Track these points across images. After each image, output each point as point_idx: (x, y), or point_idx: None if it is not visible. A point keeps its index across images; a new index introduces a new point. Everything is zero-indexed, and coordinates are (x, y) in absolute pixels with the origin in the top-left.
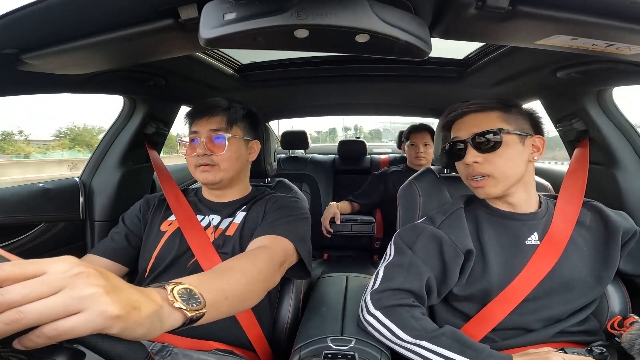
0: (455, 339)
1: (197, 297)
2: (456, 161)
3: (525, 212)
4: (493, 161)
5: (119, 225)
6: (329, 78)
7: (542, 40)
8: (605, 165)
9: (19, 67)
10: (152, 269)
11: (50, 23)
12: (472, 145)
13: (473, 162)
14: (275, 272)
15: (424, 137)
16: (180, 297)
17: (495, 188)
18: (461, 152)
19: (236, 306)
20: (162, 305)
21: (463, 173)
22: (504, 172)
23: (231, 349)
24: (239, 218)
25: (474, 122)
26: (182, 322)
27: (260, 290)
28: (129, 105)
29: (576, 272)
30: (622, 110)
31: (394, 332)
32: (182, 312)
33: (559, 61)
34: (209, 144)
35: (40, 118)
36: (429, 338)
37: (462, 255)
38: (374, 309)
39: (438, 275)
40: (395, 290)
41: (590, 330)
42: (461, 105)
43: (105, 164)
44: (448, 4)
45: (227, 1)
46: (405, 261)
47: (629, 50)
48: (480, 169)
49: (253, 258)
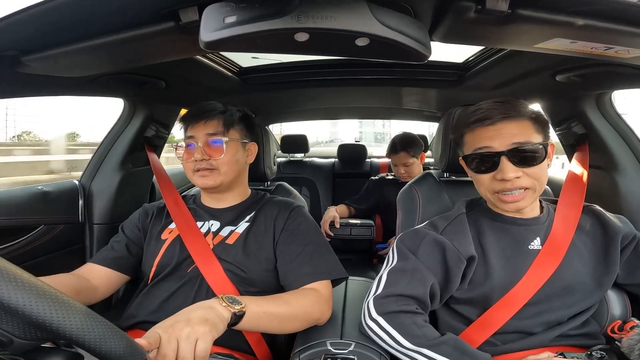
0: (456, 347)
1: (239, 301)
2: (483, 174)
3: (528, 217)
4: (534, 174)
5: (119, 234)
6: (329, 81)
7: (542, 43)
8: (605, 169)
9: (20, 69)
10: (154, 276)
11: (51, 25)
12: (511, 158)
13: (515, 177)
14: (324, 311)
15: (401, 159)
16: (226, 299)
17: (529, 200)
18: (494, 164)
19: (274, 324)
20: (214, 307)
21: (492, 187)
22: (541, 184)
23: (231, 353)
24: (241, 228)
25: (510, 131)
26: (230, 316)
27: (300, 321)
28: (129, 107)
29: (577, 276)
30: (621, 114)
31: (395, 338)
32: (227, 308)
33: (558, 64)
34: (206, 149)
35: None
36: (429, 346)
37: (465, 261)
38: (376, 315)
39: (441, 281)
40: (398, 297)
41: (590, 334)
42: (485, 112)
43: (105, 167)
44: (448, 8)
45: (228, 4)
46: (409, 267)
47: (627, 54)
48: (520, 183)
49: (298, 294)
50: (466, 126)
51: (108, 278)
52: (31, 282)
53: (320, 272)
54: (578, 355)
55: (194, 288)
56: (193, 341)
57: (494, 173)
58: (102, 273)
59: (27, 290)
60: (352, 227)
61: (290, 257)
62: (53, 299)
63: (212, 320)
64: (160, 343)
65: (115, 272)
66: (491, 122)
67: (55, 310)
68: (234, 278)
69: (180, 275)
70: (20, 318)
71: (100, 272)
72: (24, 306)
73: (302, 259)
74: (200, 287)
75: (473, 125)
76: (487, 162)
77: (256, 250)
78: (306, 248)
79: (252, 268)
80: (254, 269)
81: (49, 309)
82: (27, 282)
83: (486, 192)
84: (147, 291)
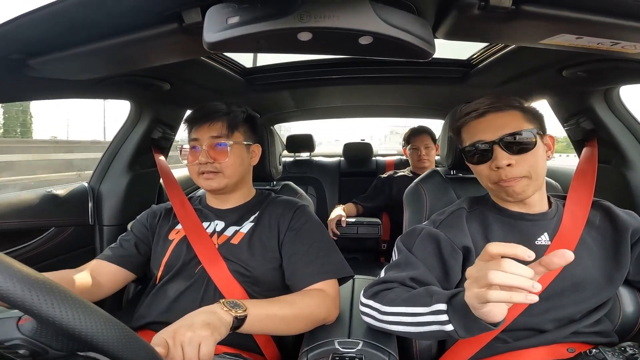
0: (428, 292)
1: (240, 305)
2: (479, 164)
3: (536, 213)
4: (528, 161)
5: (128, 233)
6: (333, 81)
7: (547, 39)
8: (615, 165)
9: (26, 72)
10: (162, 276)
11: (57, 28)
12: (502, 146)
13: (507, 164)
14: (331, 311)
15: (424, 140)
16: (227, 304)
17: (529, 189)
18: (487, 154)
19: (279, 326)
20: (216, 311)
21: (489, 177)
22: (537, 172)
23: (239, 352)
24: (245, 228)
25: (498, 122)
26: (232, 320)
27: (306, 321)
28: (136, 110)
29: (587, 272)
30: (630, 109)
31: (377, 309)
32: (228, 312)
33: (564, 60)
34: (211, 152)
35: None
36: (404, 299)
37: (460, 252)
38: (365, 299)
39: (439, 275)
40: (386, 283)
41: (603, 332)
42: (474, 105)
43: (113, 169)
44: (451, 5)
45: (231, 5)
46: (401, 260)
47: (634, 49)
48: (515, 172)
49: (304, 295)
50: (459, 121)
51: (114, 275)
52: (71, 295)
53: (326, 271)
54: (612, 350)
55: (202, 288)
56: (196, 345)
57: (490, 163)
58: (109, 270)
59: (75, 306)
60: (358, 225)
61: (296, 257)
62: (95, 313)
63: (213, 324)
64: (168, 349)
65: (122, 269)
66: (481, 114)
67: (97, 326)
68: (240, 277)
69: (189, 275)
70: (65, 334)
71: (108, 269)
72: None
73: (308, 259)
74: (208, 286)
75: (464, 119)
76: (482, 152)
77: (261, 249)
78: (312, 247)
79: (257, 267)
80: (259, 269)
81: (92, 324)
82: (69, 295)
83: (487, 182)
84: (157, 291)
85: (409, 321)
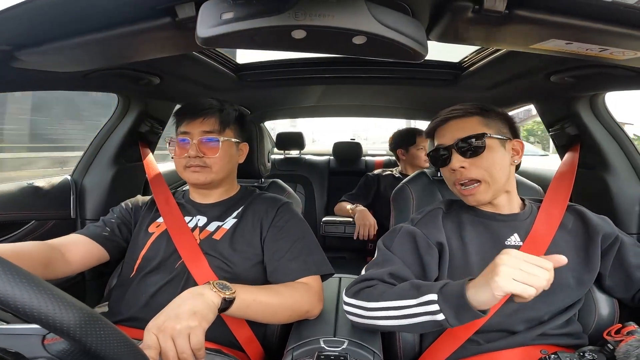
0: (413, 285)
1: (229, 287)
2: (442, 167)
3: (505, 213)
4: (481, 165)
5: (111, 214)
6: (325, 79)
7: (538, 44)
8: (597, 170)
9: (13, 64)
10: (139, 268)
11: (45, 20)
12: (457, 150)
13: (460, 167)
14: (314, 304)
15: (427, 140)
16: (216, 285)
17: (486, 194)
18: (446, 158)
19: (264, 312)
20: (203, 293)
21: (450, 179)
22: (492, 176)
23: (219, 348)
24: (228, 224)
25: (456, 127)
26: (220, 301)
27: (289, 312)
28: (123, 103)
29: (558, 274)
30: (614, 116)
31: (363, 307)
32: (217, 293)
33: (553, 65)
34: (201, 146)
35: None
36: (388, 294)
37: (435, 248)
38: (348, 298)
39: (416, 270)
40: (366, 280)
41: (573, 334)
42: (442, 113)
43: (97, 162)
44: (445, 7)
45: (225, 0)
46: (379, 259)
47: (622, 55)
48: (468, 174)
49: (288, 286)
50: (429, 128)
51: (90, 253)
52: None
53: (308, 268)
54: (570, 355)
55: (181, 283)
56: (186, 336)
57: (448, 166)
58: (84, 247)
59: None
60: (345, 224)
61: (279, 254)
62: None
63: (200, 312)
64: (160, 345)
65: (99, 246)
66: (442, 121)
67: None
68: (220, 273)
69: (168, 270)
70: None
71: (83, 245)
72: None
73: (290, 256)
74: (187, 282)
75: (432, 126)
76: (441, 156)
77: (243, 245)
78: (294, 245)
79: (239, 263)
80: (241, 264)
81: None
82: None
83: (451, 185)
84: (135, 286)
85: (398, 314)
